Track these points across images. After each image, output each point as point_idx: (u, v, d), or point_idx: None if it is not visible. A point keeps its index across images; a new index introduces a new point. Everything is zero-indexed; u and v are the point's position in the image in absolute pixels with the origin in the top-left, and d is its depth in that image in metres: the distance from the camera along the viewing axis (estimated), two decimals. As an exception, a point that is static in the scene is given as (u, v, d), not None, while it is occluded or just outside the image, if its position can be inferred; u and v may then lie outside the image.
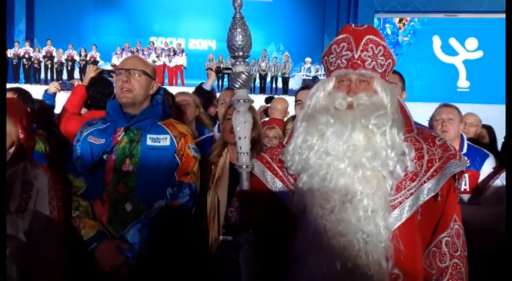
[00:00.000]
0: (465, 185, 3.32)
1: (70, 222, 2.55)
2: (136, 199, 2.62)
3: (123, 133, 2.67)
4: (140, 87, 2.67)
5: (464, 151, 3.45)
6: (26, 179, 2.23)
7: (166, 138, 2.70)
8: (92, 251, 2.54)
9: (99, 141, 2.68)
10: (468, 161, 3.31)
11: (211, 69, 5.50)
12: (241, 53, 1.95)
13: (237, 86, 1.96)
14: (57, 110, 4.10)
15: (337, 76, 1.88)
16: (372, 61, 1.84)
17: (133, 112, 2.71)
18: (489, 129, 5.36)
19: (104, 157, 2.65)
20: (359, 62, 1.83)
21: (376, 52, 1.85)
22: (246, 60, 1.98)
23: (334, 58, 1.88)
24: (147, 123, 2.71)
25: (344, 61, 1.85)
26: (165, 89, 3.12)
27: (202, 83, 5.31)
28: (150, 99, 2.77)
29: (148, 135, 2.68)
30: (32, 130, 2.43)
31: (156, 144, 2.67)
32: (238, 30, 1.93)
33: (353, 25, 1.94)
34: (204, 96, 4.87)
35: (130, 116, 2.71)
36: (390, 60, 1.89)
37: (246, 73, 1.96)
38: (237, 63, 1.96)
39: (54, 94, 4.28)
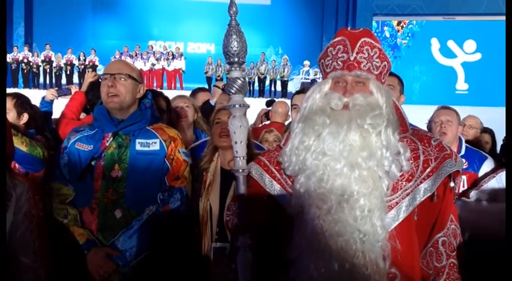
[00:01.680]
0: (463, 186, 3.33)
1: (53, 232, 2.52)
2: (126, 205, 2.59)
3: (112, 138, 2.63)
4: (127, 92, 2.63)
5: (462, 153, 3.46)
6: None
7: (155, 143, 2.66)
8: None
9: (87, 147, 2.65)
10: (466, 163, 3.32)
11: (218, 87, 5.50)
12: (236, 59, 1.96)
13: (233, 91, 1.98)
14: (56, 116, 4.09)
15: (333, 78, 1.90)
16: (367, 63, 1.86)
17: (121, 117, 2.68)
18: (491, 133, 5.38)
19: (92, 163, 2.61)
20: (355, 63, 1.85)
21: (371, 54, 1.87)
22: (242, 65, 1.99)
23: (330, 60, 1.91)
24: (136, 128, 2.67)
25: (340, 63, 1.87)
26: (152, 92, 3.09)
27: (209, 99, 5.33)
28: (137, 103, 2.73)
29: (137, 140, 2.65)
30: (11, 139, 2.40)
31: (146, 149, 2.64)
32: (234, 36, 1.95)
33: (349, 28, 1.97)
34: (209, 110, 4.86)
35: (118, 121, 2.68)
36: (386, 63, 1.91)
37: (241, 79, 1.98)
38: (233, 69, 1.98)
39: (52, 101, 4.27)
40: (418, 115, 3.89)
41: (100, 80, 3.93)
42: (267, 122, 5.47)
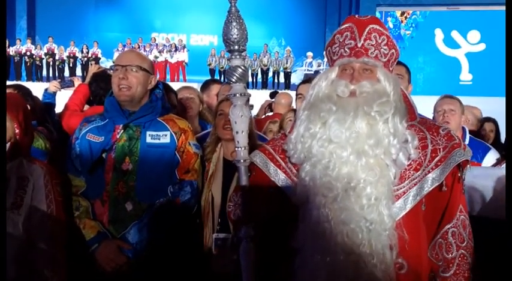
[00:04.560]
0: None
1: (71, 217, 2.52)
2: (136, 198, 2.58)
3: (122, 130, 2.62)
4: (138, 83, 2.60)
5: (466, 142, 3.44)
6: (22, 175, 2.22)
7: (166, 135, 2.64)
8: (93, 252, 2.52)
9: (98, 139, 2.64)
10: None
11: None
12: (236, 47, 1.93)
13: (233, 80, 1.94)
14: (59, 109, 4.09)
15: (340, 65, 1.87)
16: (375, 50, 1.83)
17: (132, 109, 2.66)
18: (494, 122, 5.37)
19: (103, 155, 2.60)
20: (362, 50, 1.82)
21: (379, 41, 1.84)
22: (242, 53, 1.96)
23: (338, 47, 1.88)
24: (147, 120, 2.65)
25: (347, 50, 1.84)
26: (164, 84, 3.07)
27: None
28: (148, 94, 2.71)
29: (148, 132, 2.63)
30: (30, 126, 2.41)
31: (156, 141, 2.62)
32: (234, 24, 1.92)
33: (356, 15, 1.94)
34: None
35: (129, 112, 2.66)
36: (394, 51, 1.88)
37: (242, 67, 1.94)
38: (233, 57, 1.95)
39: (54, 93, 4.27)
40: (422, 106, 3.87)
41: (104, 72, 3.95)
42: (270, 114, 5.48)
